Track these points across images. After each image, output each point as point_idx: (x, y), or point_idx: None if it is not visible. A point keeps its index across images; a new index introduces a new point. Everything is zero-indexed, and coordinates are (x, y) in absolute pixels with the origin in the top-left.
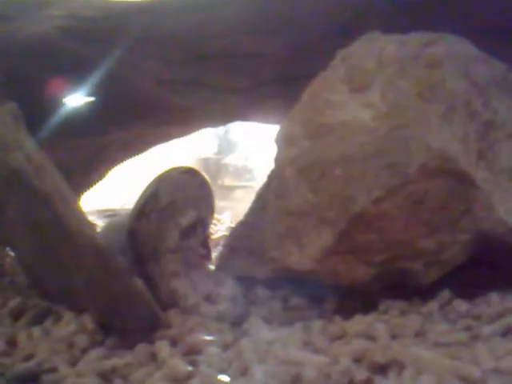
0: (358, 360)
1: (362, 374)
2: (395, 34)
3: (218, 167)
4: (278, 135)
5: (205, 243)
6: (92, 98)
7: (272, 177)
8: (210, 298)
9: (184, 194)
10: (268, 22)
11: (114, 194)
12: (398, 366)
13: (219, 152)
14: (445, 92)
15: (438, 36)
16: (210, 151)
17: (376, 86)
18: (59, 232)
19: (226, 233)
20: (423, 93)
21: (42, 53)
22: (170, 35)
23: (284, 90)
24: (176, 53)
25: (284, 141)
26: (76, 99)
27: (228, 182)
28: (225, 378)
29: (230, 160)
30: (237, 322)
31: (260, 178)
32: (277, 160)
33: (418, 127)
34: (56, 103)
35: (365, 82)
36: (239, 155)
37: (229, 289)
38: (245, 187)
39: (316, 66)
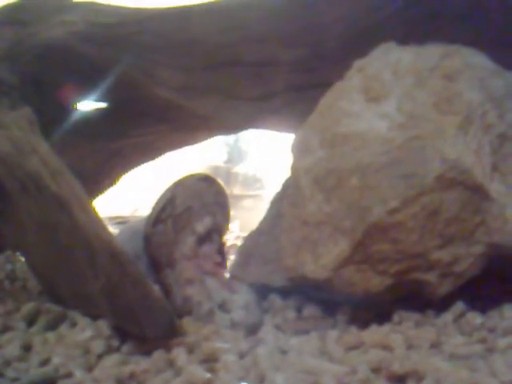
0: (376, 370)
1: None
2: (411, 44)
3: (227, 176)
4: (293, 144)
5: (220, 250)
6: (105, 104)
7: (287, 185)
8: (224, 306)
9: (200, 201)
10: (282, 31)
11: (124, 200)
12: (416, 376)
13: (229, 161)
14: (461, 104)
15: (455, 48)
16: (219, 160)
17: (392, 96)
18: (76, 237)
19: (235, 242)
20: (440, 104)
21: (57, 58)
22: (185, 42)
23: (297, 99)
24: (190, 60)
25: (299, 149)
26: (89, 105)
27: (237, 190)
28: None
29: (240, 169)
30: (251, 331)
31: (270, 187)
32: (292, 168)
33: (434, 138)
34: (70, 108)
35: (381, 92)
36: (249, 164)
37: (243, 297)
38: (254, 196)
39: (330, 76)
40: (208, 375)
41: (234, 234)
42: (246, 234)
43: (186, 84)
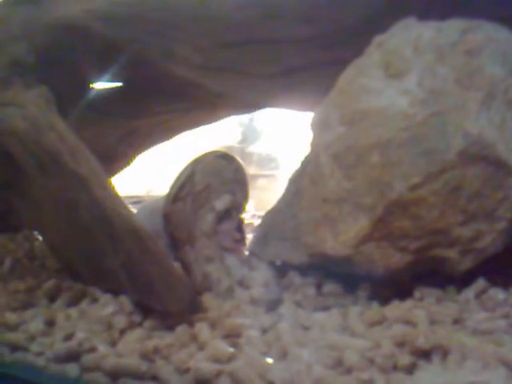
0: (400, 345)
1: (405, 358)
2: (432, 20)
3: (241, 156)
4: (313, 120)
5: (239, 228)
6: (121, 83)
7: (306, 162)
8: (243, 283)
9: (219, 178)
10: (300, 7)
11: (138, 181)
12: (441, 351)
13: (243, 140)
14: (483, 79)
15: (477, 23)
16: (234, 140)
17: (413, 72)
18: (95, 213)
19: (252, 221)
20: (461, 80)
21: (73, 36)
22: (203, 19)
23: (315, 77)
24: (208, 38)
25: (319, 126)
26: (106, 83)
27: (252, 170)
28: (269, 360)
29: (254, 149)
30: (271, 307)
31: (284, 166)
32: (312, 145)
33: (456, 114)
34: (86, 87)
35: (401, 68)
36: (263, 144)
37: (263, 274)
38: (268, 176)
39: (348, 53)
40: (231, 350)
41: (250, 213)
42: (261, 213)
43: (204, 62)
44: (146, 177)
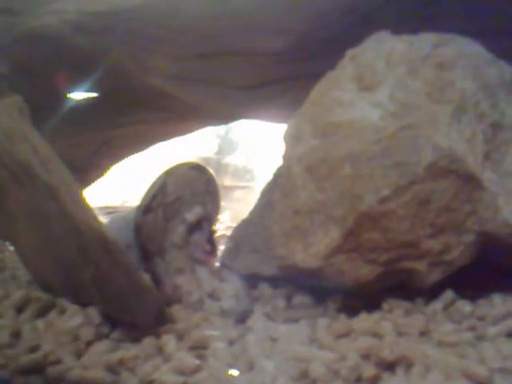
0: (365, 357)
1: (370, 370)
2: (404, 34)
3: (218, 167)
4: (285, 133)
5: (210, 240)
6: (96, 94)
7: (278, 174)
8: (214, 295)
9: (191, 190)
10: (275, 20)
11: (114, 191)
12: (405, 363)
13: (219, 152)
14: (454, 93)
15: (449, 37)
16: (210, 151)
17: (385, 85)
18: (66, 225)
19: (226, 232)
20: (432, 93)
21: (48, 47)
22: (177, 32)
23: (288, 89)
24: (182, 50)
25: (292, 138)
26: (81, 94)
27: (228, 182)
28: (234, 372)
29: (230, 160)
30: (241, 319)
31: (260, 178)
32: (284, 157)
33: (426, 127)
34: (61, 97)
35: (373, 81)
36: (239, 155)
37: (233, 286)
38: (244, 187)
39: (321, 65)
40: (197, 362)
41: (225, 225)
42: (236, 224)
43: (177, 73)
44: (122, 187)
